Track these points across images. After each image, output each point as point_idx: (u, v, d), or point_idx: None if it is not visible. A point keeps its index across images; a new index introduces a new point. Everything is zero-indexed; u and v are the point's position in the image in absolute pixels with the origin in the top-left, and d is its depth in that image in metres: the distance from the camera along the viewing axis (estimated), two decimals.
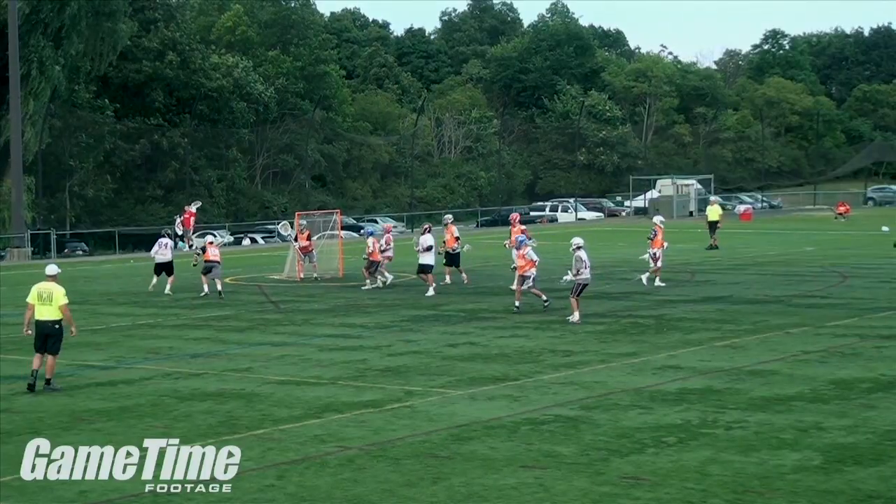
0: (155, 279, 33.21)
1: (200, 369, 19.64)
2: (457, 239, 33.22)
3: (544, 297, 26.73)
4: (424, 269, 30.95)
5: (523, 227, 31.97)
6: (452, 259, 33.06)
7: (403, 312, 27.34)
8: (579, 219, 79.52)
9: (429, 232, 31.54)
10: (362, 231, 70.63)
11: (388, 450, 13.58)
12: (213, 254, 32.27)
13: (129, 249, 60.44)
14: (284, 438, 14.27)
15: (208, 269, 32.17)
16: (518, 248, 27.35)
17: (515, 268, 27.53)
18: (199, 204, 41.73)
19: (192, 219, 40.86)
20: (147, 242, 62.94)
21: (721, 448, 13.41)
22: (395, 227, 73.71)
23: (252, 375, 18.90)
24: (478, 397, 16.66)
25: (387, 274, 33.29)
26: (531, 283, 26.54)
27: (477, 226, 75.38)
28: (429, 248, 31.09)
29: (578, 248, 24.37)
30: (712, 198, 50.64)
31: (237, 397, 16.96)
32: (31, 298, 17.94)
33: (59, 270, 18.46)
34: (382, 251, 33.07)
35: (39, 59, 60.23)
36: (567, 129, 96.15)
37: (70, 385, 18.21)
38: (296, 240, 36.17)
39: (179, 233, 40.73)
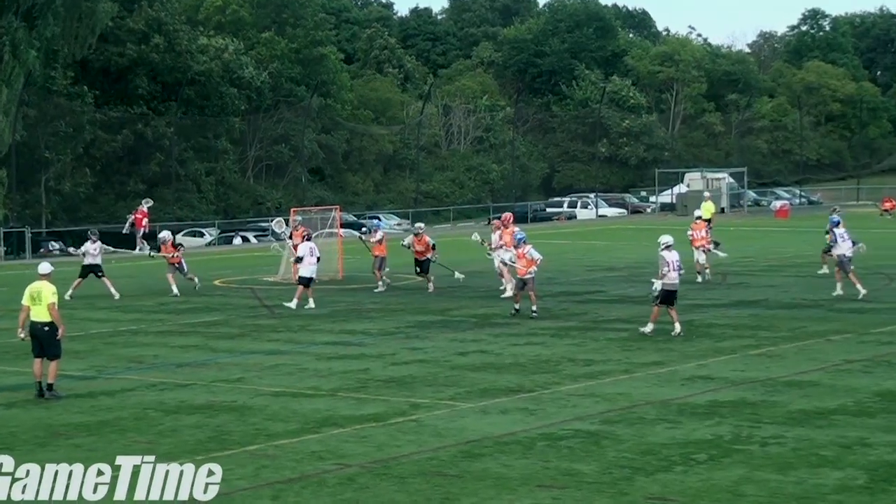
0: (80, 281, 33.06)
1: (188, 380, 19.67)
2: (433, 248, 32.88)
3: (534, 307, 26.64)
4: (303, 281, 29.60)
5: (516, 229, 32.13)
6: (423, 266, 32.87)
7: (409, 318, 27.35)
8: (600, 216, 79.47)
9: (308, 239, 30.75)
10: (364, 228, 70.72)
11: (393, 467, 13.59)
12: (176, 256, 33.60)
13: (110, 249, 60.46)
14: (279, 455, 14.28)
15: (178, 268, 33.06)
16: (517, 247, 27.31)
17: (505, 264, 27.67)
18: (150, 203, 41.66)
19: (145, 219, 40.68)
20: (130, 241, 63.14)
21: (756, 466, 13.40)
22: (399, 224, 73.92)
23: (244, 386, 18.91)
24: (490, 410, 16.66)
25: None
26: (531, 285, 26.55)
27: (488, 223, 75.23)
28: (299, 260, 30.12)
29: (666, 247, 23.77)
30: (706, 193, 50.54)
31: (228, 410, 16.97)
32: (26, 300, 18.31)
33: (53, 269, 18.71)
34: (494, 247, 33.11)
35: (12, 42, 60.23)
36: (587, 118, 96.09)
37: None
38: (290, 238, 36.21)
39: (126, 233, 40.76)
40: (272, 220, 37.15)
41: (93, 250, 33.33)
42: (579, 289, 33.01)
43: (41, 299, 18.09)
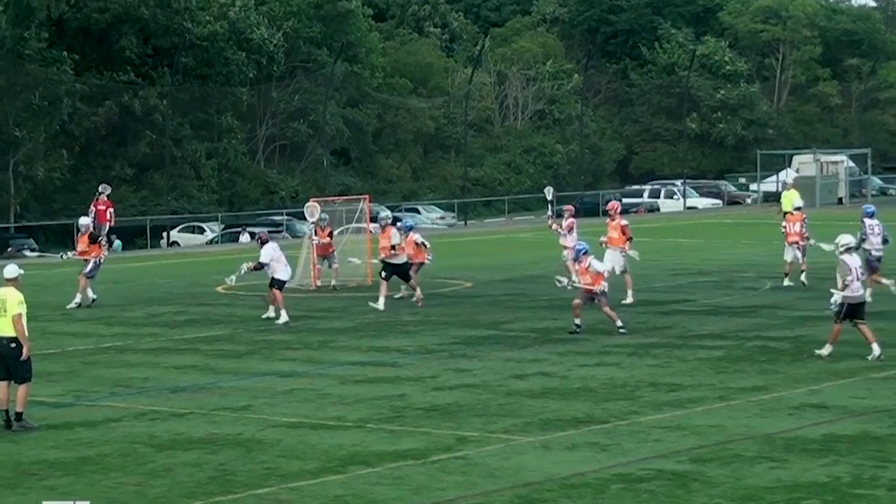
0: None
1: (184, 408, 19.75)
2: (393, 248, 32.30)
3: (619, 323, 26.51)
4: (277, 284, 29.70)
5: (624, 222, 32.20)
6: (394, 269, 32.14)
7: (454, 332, 27.36)
8: (689, 208, 79.23)
9: (266, 243, 30.62)
10: (399, 224, 70.64)
11: None
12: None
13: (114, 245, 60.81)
14: (295, 500, 14.32)
15: (95, 269, 33.07)
16: (577, 260, 27.07)
17: (571, 285, 27.38)
18: (108, 190, 41.54)
19: (110, 210, 40.35)
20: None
21: None
22: (442, 217, 73.96)
23: (252, 416, 18.98)
24: (553, 446, 16.65)
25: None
26: (603, 300, 26.40)
27: (552, 217, 74.97)
28: (260, 267, 30.00)
29: (847, 249, 23.26)
30: (789, 180, 50.20)
31: (233, 445, 17.04)
32: None
33: (21, 272, 18.77)
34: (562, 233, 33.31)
35: None
36: (673, 88, 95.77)
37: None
38: (315, 235, 36.24)
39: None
40: (306, 208, 36.72)
41: None
42: (663, 297, 32.89)
43: (5, 309, 18.16)
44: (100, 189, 41.10)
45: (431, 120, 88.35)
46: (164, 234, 64.60)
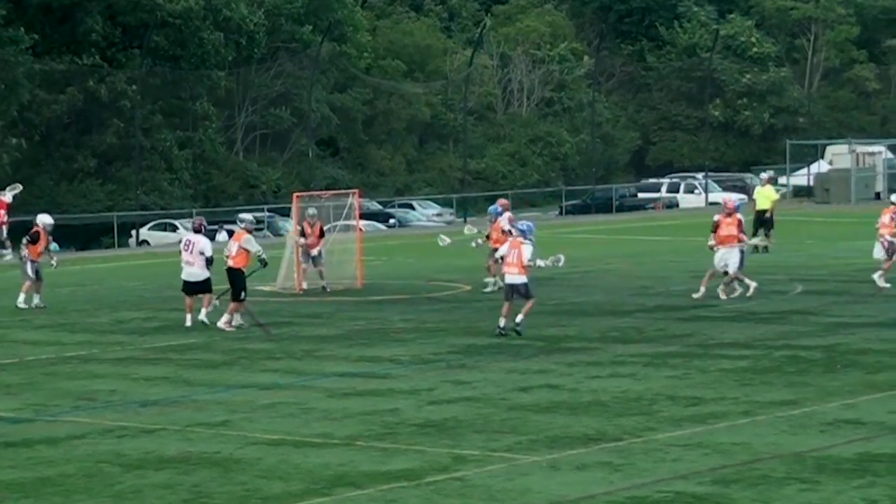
0: None
1: (155, 423, 19.75)
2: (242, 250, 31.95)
3: (502, 324, 27.16)
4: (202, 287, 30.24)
5: (736, 218, 32.76)
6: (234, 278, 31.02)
7: (452, 340, 27.35)
8: (711, 203, 79.07)
9: (198, 231, 31.02)
10: (391, 221, 70.71)
11: None
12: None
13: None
14: None
15: (37, 269, 33.30)
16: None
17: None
18: (17, 189, 41.19)
19: (5, 212, 40.18)
20: (78, 237, 63.36)
21: None
22: (439, 214, 73.91)
23: (230, 432, 18.97)
24: (561, 465, 16.66)
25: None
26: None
27: (560, 213, 75.09)
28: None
29: None
30: (763, 175, 50.07)
31: (209, 464, 17.03)
32: None
33: None
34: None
35: None
36: (694, 72, 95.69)
37: None
38: (303, 235, 36.14)
39: None
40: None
41: None
42: (683, 302, 32.86)
43: None
44: (8, 188, 40.88)
45: (428, 106, 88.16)
46: (133, 231, 64.52)
